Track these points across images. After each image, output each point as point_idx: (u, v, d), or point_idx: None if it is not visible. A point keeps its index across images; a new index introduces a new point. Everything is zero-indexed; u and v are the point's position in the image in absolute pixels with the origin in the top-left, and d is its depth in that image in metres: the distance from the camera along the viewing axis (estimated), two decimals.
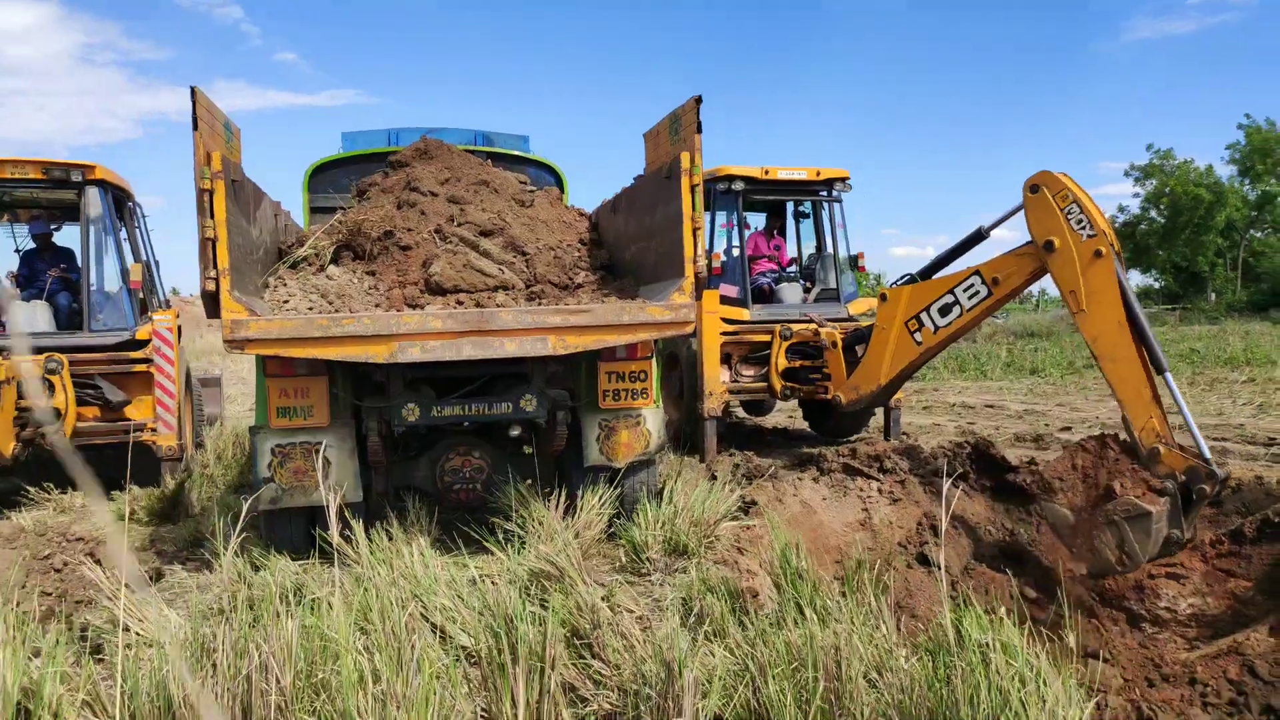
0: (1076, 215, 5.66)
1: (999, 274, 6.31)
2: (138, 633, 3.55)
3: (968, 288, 6.51)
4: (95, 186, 7.76)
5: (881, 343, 7.21)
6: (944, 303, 6.66)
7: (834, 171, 9.36)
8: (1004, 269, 6.28)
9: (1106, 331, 5.46)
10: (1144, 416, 5.24)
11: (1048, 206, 5.79)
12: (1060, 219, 5.71)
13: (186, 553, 5.73)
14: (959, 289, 6.57)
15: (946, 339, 6.82)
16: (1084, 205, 5.65)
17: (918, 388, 15.45)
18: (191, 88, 4.63)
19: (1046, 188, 5.81)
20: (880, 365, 7.25)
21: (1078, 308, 5.62)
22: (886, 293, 7.20)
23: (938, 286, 6.77)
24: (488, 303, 5.39)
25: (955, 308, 6.61)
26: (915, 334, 6.90)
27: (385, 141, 7.71)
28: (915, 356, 7.02)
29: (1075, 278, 5.58)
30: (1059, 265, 5.70)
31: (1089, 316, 5.55)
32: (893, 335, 7.09)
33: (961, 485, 6.54)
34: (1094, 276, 5.53)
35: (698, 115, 5.22)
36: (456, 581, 4.09)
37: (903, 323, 6.99)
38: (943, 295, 6.67)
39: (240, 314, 4.58)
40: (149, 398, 7.61)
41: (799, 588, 3.68)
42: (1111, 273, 5.49)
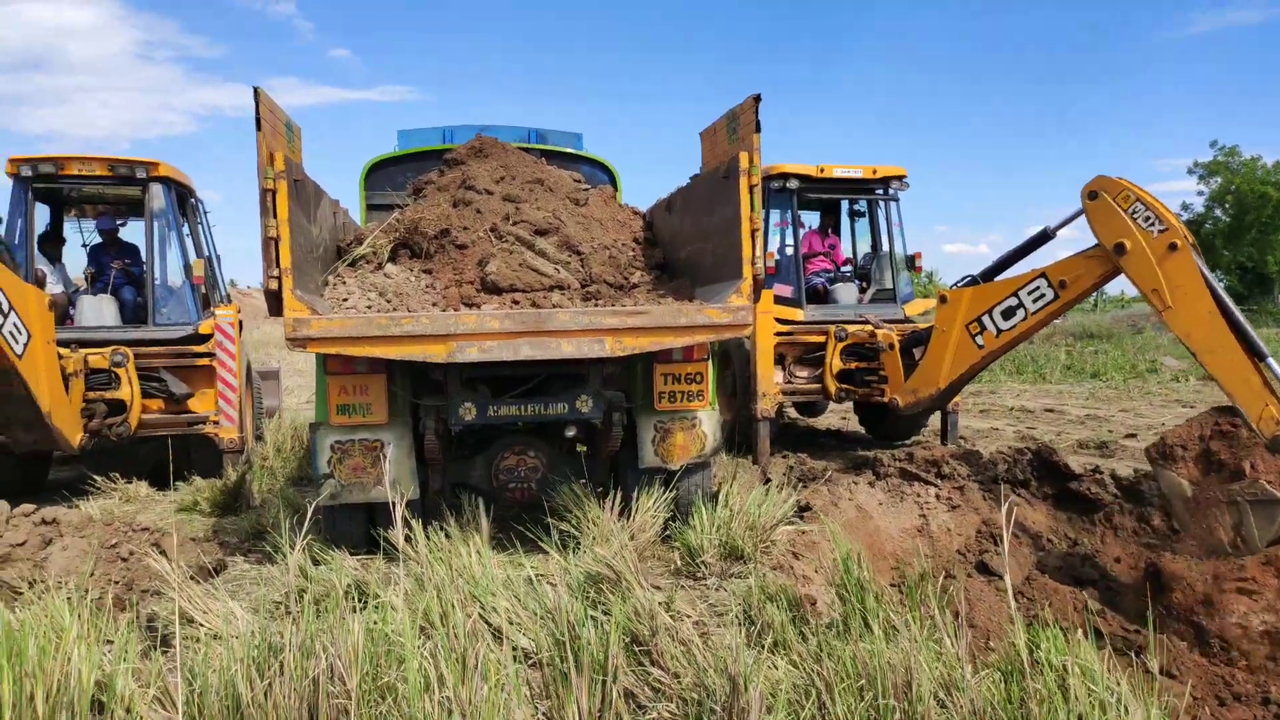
0: (1143, 213, 5.52)
1: (1066, 276, 6.15)
2: (203, 625, 3.61)
3: (1033, 290, 6.36)
4: (159, 183, 7.93)
5: (941, 345, 7.09)
6: (1007, 305, 6.52)
7: (891, 169, 9.20)
8: (1072, 271, 6.12)
9: (1198, 324, 5.27)
10: (1258, 405, 5.01)
11: (1110, 210, 5.66)
12: (1126, 220, 5.56)
13: (248, 544, 5.82)
14: (1023, 291, 6.42)
15: (1009, 343, 6.67)
16: (1148, 203, 5.51)
17: (974, 390, 15.18)
18: (255, 89, 4.69)
19: (1105, 192, 5.69)
20: (940, 368, 7.13)
21: (1163, 305, 5.43)
22: (947, 294, 7.07)
23: (1001, 289, 6.63)
24: (543, 302, 5.38)
25: (1019, 311, 6.46)
26: (977, 337, 6.77)
27: (440, 139, 7.76)
28: (976, 360, 6.88)
29: (1154, 275, 5.42)
30: (1134, 266, 5.54)
31: (1177, 312, 5.37)
32: (953, 338, 6.97)
33: (1022, 493, 6.40)
34: (1174, 271, 5.36)
35: (756, 114, 5.15)
36: (513, 581, 4.09)
37: (964, 325, 6.86)
38: (1006, 298, 6.53)
39: (302, 312, 4.63)
40: (211, 391, 7.76)
41: (862, 599, 3.61)
42: (1191, 264, 5.31)
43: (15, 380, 5.69)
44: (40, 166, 7.59)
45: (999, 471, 6.60)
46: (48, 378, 6.11)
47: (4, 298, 5.48)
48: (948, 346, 7.00)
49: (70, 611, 2.75)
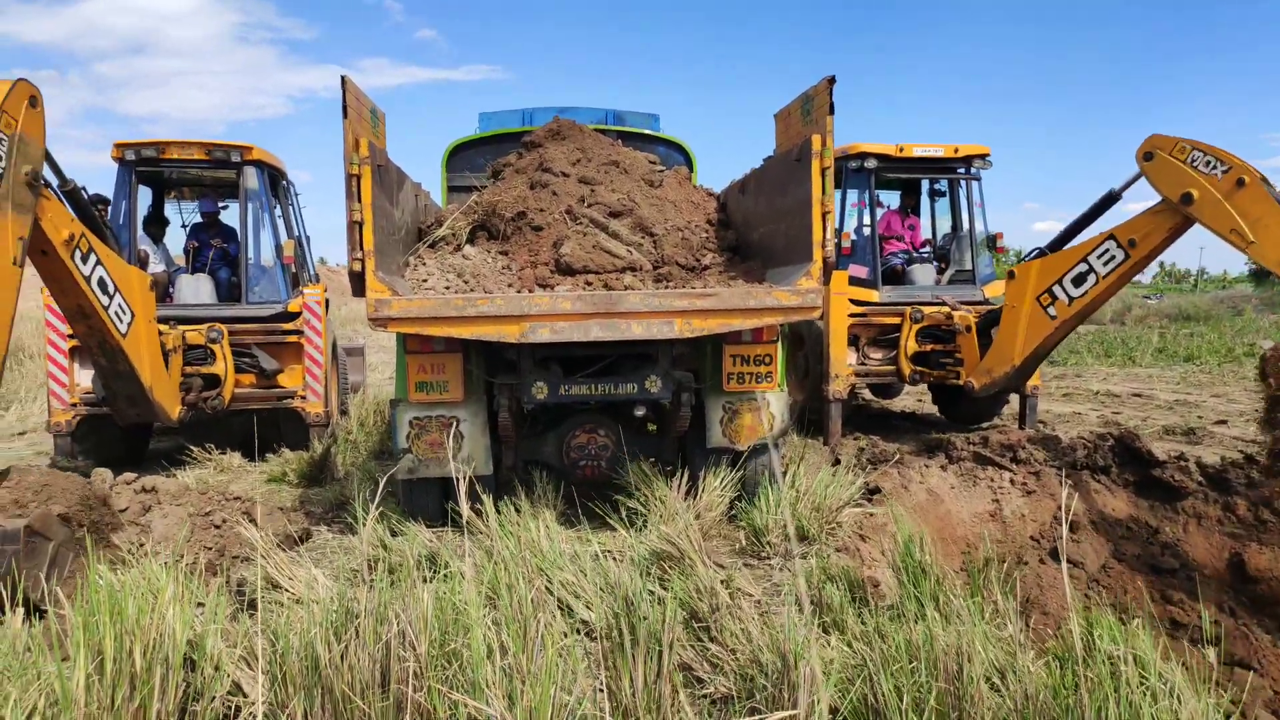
0: (1202, 160, 5.47)
1: (1135, 235, 6.03)
2: (288, 590, 3.83)
3: (1102, 253, 6.25)
4: (253, 166, 8.26)
5: (1013, 321, 6.99)
6: (1078, 272, 6.42)
7: (973, 148, 9.00)
8: (1141, 229, 6.00)
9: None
10: None
11: (1168, 164, 5.62)
12: (1187, 170, 5.51)
13: (332, 514, 6.10)
14: (1092, 256, 6.31)
15: (1083, 310, 6.55)
16: (1205, 149, 5.45)
17: (1058, 373, 14.78)
18: (342, 77, 4.87)
19: (1160, 150, 5.67)
20: (1013, 344, 7.02)
21: (1245, 242, 5.30)
22: (1015, 270, 7.00)
23: (1069, 256, 6.52)
24: (615, 284, 5.47)
25: (1090, 276, 6.35)
26: (1049, 308, 6.67)
27: (520, 122, 7.90)
28: (1050, 332, 6.76)
29: (1228, 215, 5.33)
30: (1206, 211, 5.44)
31: (1261, 245, 5.25)
32: (1024, 312, 6.87)
33: (1102, 479, 6.27)
34: (1247, 205, 5.26)
35: (830, 96, 5.13)
36: (580, 557, 4.21)
37: (1034, 298, 6.77)
38: (1076, 264, 6.43)
39: (384, 293, 4.82)
40: (299, 366, 8.09)
41: (921, 582, 3.62)
42: (1264, 194, 5.21)
43: (120, 358, 6.02)
44: (143, 151, 7.98)
45: (1078, 457, 6.46)
46: (149, 355, 6.44)
47: (110, 280, 5.80)
48: (1019, 321, 6.90)
49: (166, 575, 2.96)
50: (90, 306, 5.59)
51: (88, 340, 5.90)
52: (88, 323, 5.72)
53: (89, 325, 5.74)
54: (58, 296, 5.60)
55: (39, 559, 3.99)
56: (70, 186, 5.62)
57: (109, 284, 5.78)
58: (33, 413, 10.76)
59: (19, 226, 4.62)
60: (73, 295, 5.52)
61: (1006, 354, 7.11)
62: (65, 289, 5.49)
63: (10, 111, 4.61)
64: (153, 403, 6.45)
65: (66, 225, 5.27)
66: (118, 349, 5.94)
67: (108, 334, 5.81)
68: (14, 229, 4.58)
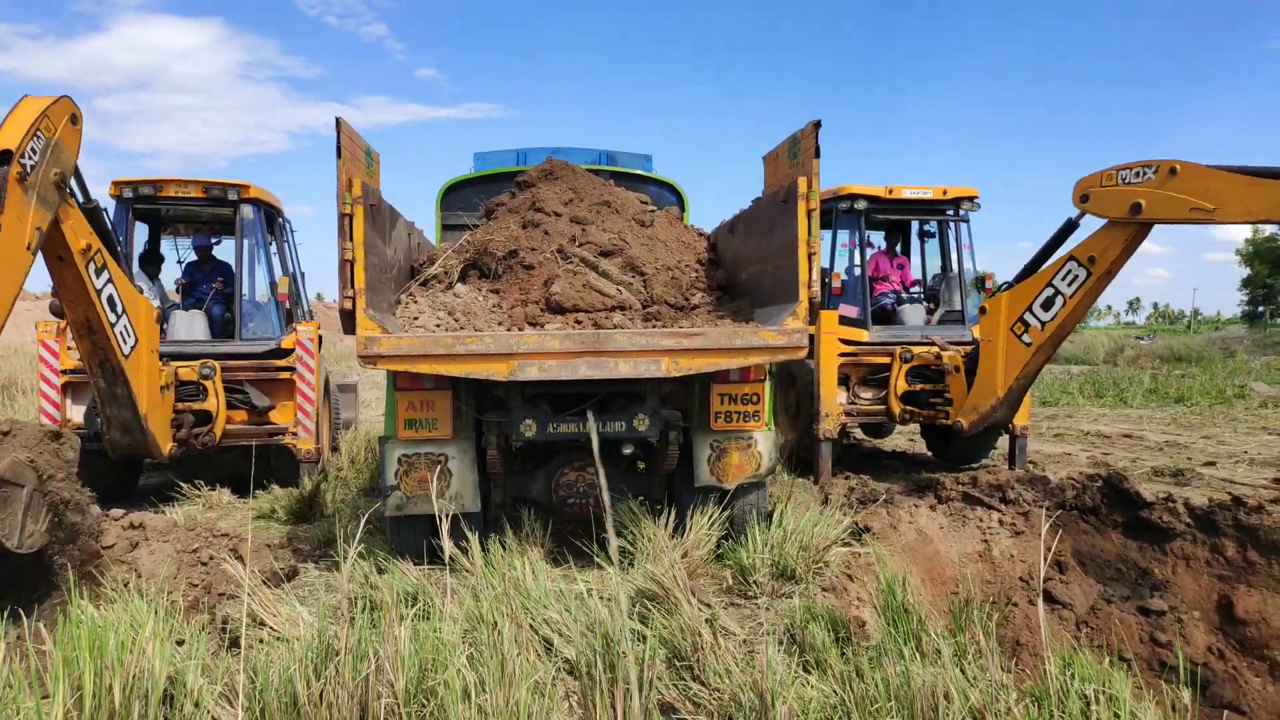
0: (1130, 174, 5.83)
1: (1094, 252, 6.24)
2: (271, 628, 3.82)
3: (1065, 275, 6.44)
4: (249, 204, 8.35)
5: (991, 354, 7.16)
6: (1045, 296, 6.61)
7: (961, 190, 9.12)
8: (1098, 245, 6.22)
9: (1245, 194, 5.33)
10: None
11: (1105, 193, 6.00)
12: (1123, 189, 5.86)
13: (320, 552, 6.07)
14: (1057, 279, 6.50)
15: (1056, 333, 6.70)
16: (1128, 166, 5.83)
17: (1049, 413, 14.82)
18: (337, 118, 4.95)
19: (1091, 187, 6.06)
20: (995, 377, 7.16)
21: (1209, 212, 5.48)
22: (985, 305, 7.21)
23: (1035, 283, 6.71)
24: (605, 322, 5.52)
25: (1058, 298, 6.54)
26: (1023, 336, 6.85)
27: (514, 161, 8.00)
28: (1028, 358, 6.90)
29: (1180, 200, 5.57)
30: (1160, 208, 5.69)
31: (1222, 206, 5.43)
32: (1000, 343, 7.05)
33: (1091, 520, 6.28)
34: (1191, 183, 5.52)
35: (816, 140, 5.22)
36: (565, 595, 4.21)
37: (1007, 329, 6.95)
38: (1043, 290, 6.62)
39: (374, 331, 4.86)
40: (291, 403, 8.10)
41: (903, 623, 3.63)
42: (1200, 168, 5.47)
43: (120, 381, 6.08)
44: (140, 189, 8.06)
45: (1066, 498, 6.48)
46: (148, 384, 6.50)
47: (119, 300, 5.91)
48: (997, 353, 7.07)
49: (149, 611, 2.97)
50: (98, 321, 5.71)
51: (90, 359, 5.96)
52: (93, 339, 5.82)
53: (94, 342, 5.84)
54: (68, 308, 5.71)
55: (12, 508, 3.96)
56: (93, 205, 5.79)
57: (118, 303, 5.90)
58: None
59: (39, 218, 4.91)
60: (82, 307, 5.66)
61: (989, 387, 7.21)
62: (76, 299, 5.62)
63: (53, 119, 5.08)
64: (146, 432, 6.47)
65: (85, 236, 5.53)
66: (119, 370, 6.01)
67: (111, 353, 5.90)
68: (34, 219, 4.87)
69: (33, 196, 4.86)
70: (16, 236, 4.73)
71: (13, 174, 4.72)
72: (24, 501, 4.03)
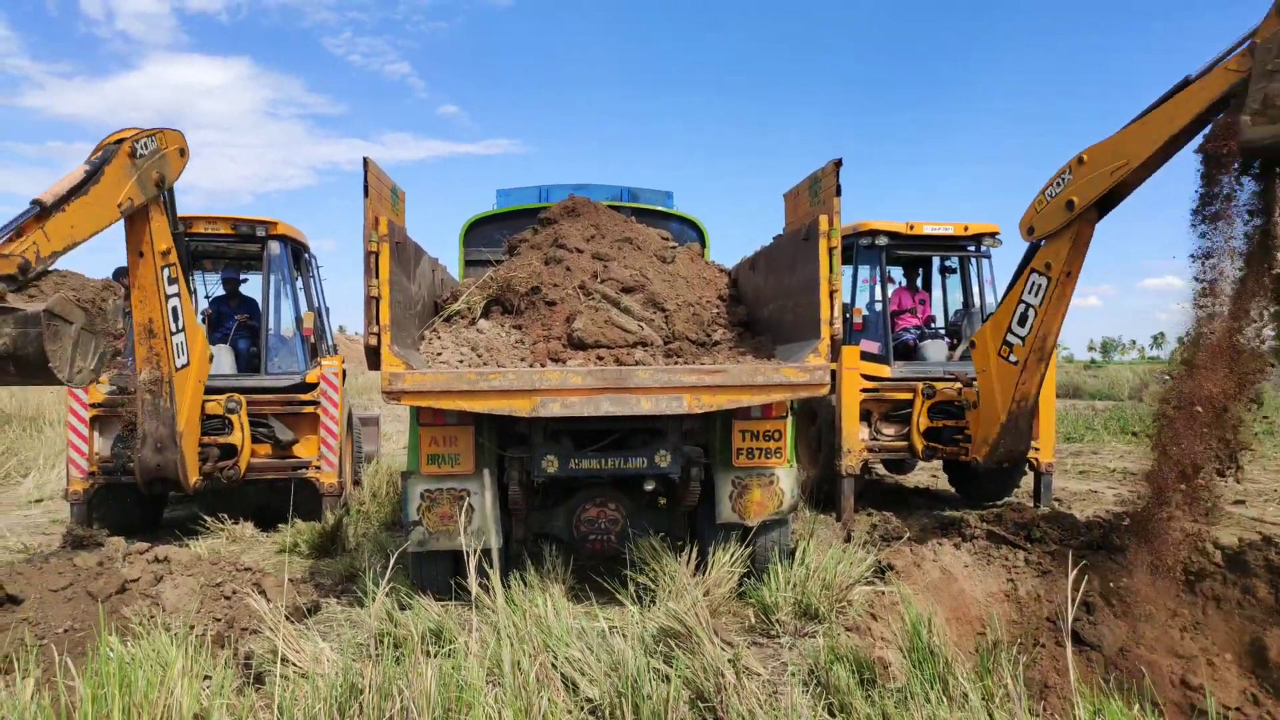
0: (1051, 188, 6.55)
1: (1049, 259, 6.73)
2: (294, 664, 3.83)
3: (1030, 287, 6.91)
4: (276, 240, 8.47)
5: (987, 384, 7.45)
6: (1019, 314, 7.04)
7: (983, 226, 9.12)
8: (1050, 253, 6.72)
9: (1137, 136, 5.89)
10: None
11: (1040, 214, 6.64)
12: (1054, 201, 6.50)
13: (342, 586, 6.09)
14: (1025, 294, 6.95)
15: (1034, 343, 6.99)
16: (1046, 187, 6.58)
17: (1074, 449, 14.66)
18: (365, 158, 5.04)
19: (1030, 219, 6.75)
20: (994, 404, 7.40)
21: (1126, 168, 6.00)
22: (974, 339, 7.56)
23: (1008, 305, 7.14)
24: (627, 359, 5.54)
25: (1030, 311, 6.96)
26: (1009, 357, 7.18)
27: (536, 198, 8.09)
28: (1018, 375, 7.14)
29: (1098, 176, 6.18)
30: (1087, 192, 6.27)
31: (1131, 155, 5.96)
32: (993, 370, 7.36)
33: (1119, 559, 6.19)
34: (1099, 156, 6.20)
35: (837, 178, 5.26)
36: (587, 633, 4.19)
37: (995, 355, 7.28)
38: (1015, 308, 7.04)
39: (398, 367, 4.90)
40: (314, 437, 8.15)
41: (929, 665, 3.59)
42: (1100, 144, 6.17)
43: (166, 392, 6.37)
44: None
45: (1094, 536, 6.40)
46: (190, 406, 6.76)
47: (181, 316, 6.35)
48: (992, 381, 7.35)
49: (175, 647, 2.98)
50: (160, 325, 6.21)
51: (143, 364, 6.31)
52: (152, 342, 6.26)
53: (151, 346, 6.27)
54: (136, 307, 6.16)
55: (62, 342, 4.24)
56: (179, 231, 6.47)
57: (180, 317, 6.39)
58: (50, 480, 10.85)
59: (134, 193, 5.73)
60: (149, 307, 6.18)
61: (992, 415, 7.42)
62: (146, 298, 6.16)
63: (168, 137, 6.10)
64: (179, 451, 6.65)
65: (166, 241, 6.27)
66: (167, 380, 6.37)
67: (162, 360, 6.31)
68: (129, 190, 5.69)
69: (134, 174, 5.70)
70: (113, 190, 5.52)
71: (125, 148, 5.62)
72: (72, 337, 4.34)
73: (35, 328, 4.22)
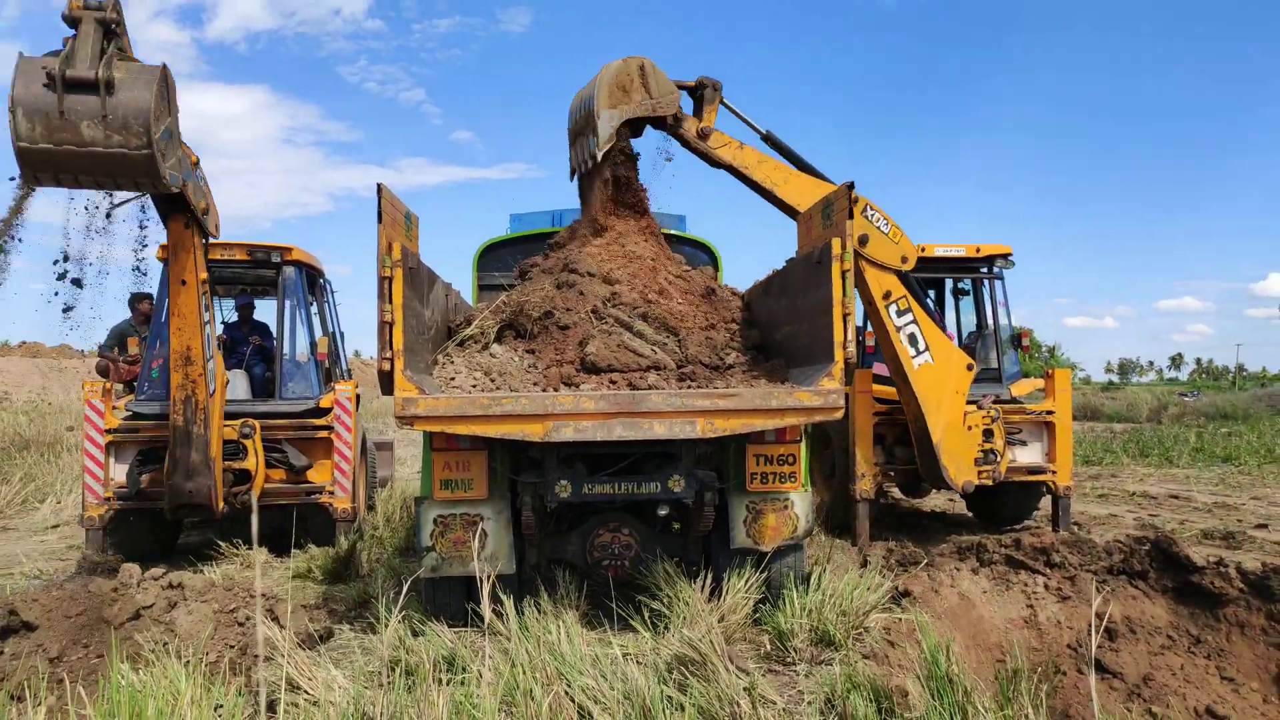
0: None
1: (882, 289, 7.25)
2: (306, 692, 3.80)
3: (894, 315, 7.33)
4: (292, 266, 8.53)
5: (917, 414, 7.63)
6: (907, 335, 7.38)
7: (995, 248, 9.09)
8: (877, 284, 7.24)
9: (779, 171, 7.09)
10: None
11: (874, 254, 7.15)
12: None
13: (355, 612, 6.06)
14: (893, 325, 7.30)
15: (900, 346, 7.31)
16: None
17: (1093, 473, 14.52)
18: (378, 185, 5.07)
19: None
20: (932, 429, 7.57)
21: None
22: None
23: (883, 340, 7.49)
24: (640, 383, 5.52)
25: (912, 329, 7.36)
26: (915, 358, 7.46)
27: (549, 222, 8.11)
28: (931, 387, 7.46)
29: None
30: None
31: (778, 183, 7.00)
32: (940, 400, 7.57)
33: (1140, 585, 6.10)
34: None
35: (849, 201, 5.26)
36: (600, 660, 4.15)
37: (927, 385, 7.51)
38: (901, 342, 7.32)
39: (411, 392, 4.90)
40: (328, 462, 8.15)
41: (948, 694, 3.53)
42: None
43: (200, 418, 6.50)
44: None
45: (1114, 561, 6.31)
46: (217, 433, 6.89)
47: (212, 344, 6.52)
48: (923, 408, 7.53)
49: (186, 676, 2.97)
50: (198, 353, 6.29)
51: (178, 391, 6.41)
52: (188, 369, 6.35)
53: (187, 373, 6.36)
54: (174, 334, 6.26)
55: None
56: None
57: (211, 345, 6.53)
58: (67, 505, 10.89)
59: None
60: (188, 335, 6.27)
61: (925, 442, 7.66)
62: (185, 325, 6.25)
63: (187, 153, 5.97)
64: (211, 475, 6.75)
65: (204, 270, 6.35)
66: (202, 406, 6.47)
67: (198, 388, 6.41)
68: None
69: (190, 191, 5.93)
70: None
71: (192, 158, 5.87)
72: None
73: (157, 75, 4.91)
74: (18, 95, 4.61)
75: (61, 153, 4.68)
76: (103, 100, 4.74)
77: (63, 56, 4.67)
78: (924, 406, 7.43)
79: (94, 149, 4.77)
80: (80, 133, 4.71)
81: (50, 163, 4.73)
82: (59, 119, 4.63)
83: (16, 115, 4.58)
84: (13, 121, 4.58)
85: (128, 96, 4.81)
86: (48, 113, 4.62)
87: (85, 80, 4.68)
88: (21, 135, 4.60)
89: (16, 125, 4.56)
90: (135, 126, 4.85)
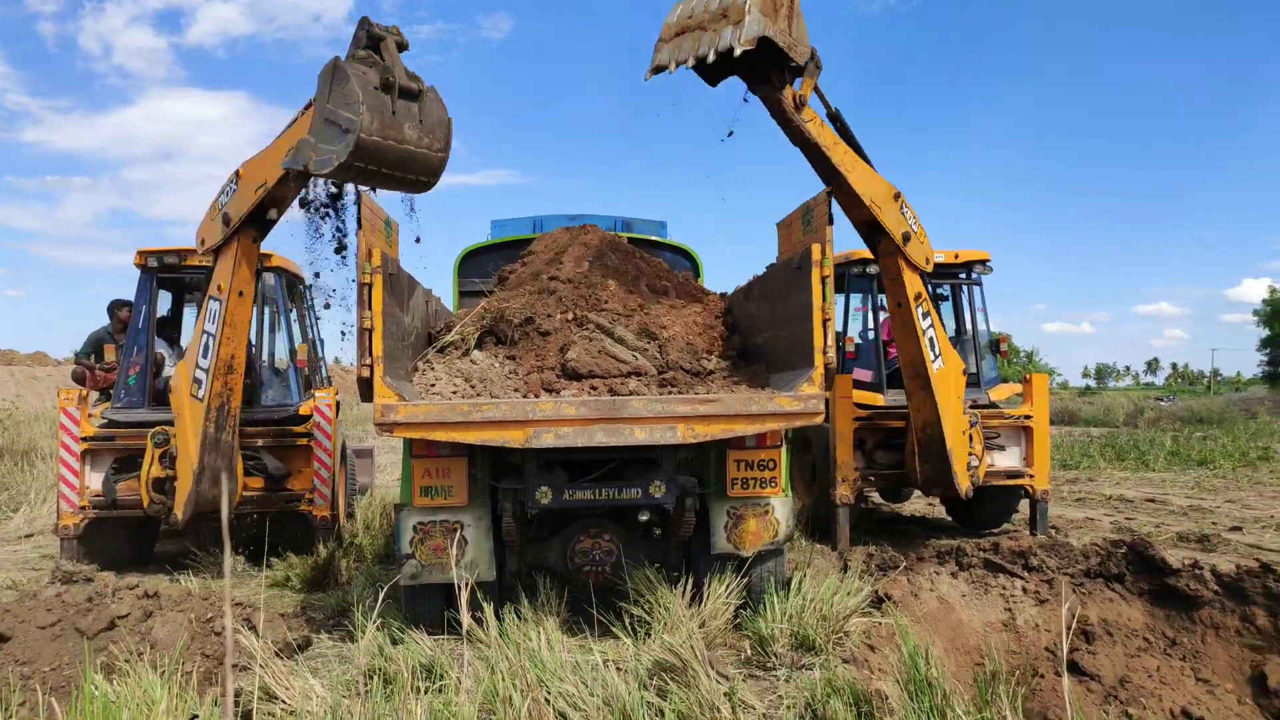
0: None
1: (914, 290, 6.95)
2: (284, 701, 3.77)
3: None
4: (272, 272, 8.46)
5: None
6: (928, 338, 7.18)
7: (973, 254, 9.17)
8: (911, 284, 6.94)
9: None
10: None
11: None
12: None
13: (333, 621, 6.01)
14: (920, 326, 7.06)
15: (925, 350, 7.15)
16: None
17: (1070, 477, 14.64)
18: (357, 190, 5.06)
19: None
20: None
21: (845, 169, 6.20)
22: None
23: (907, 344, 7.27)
24: (621, 388, 5.52)
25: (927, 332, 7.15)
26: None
27: (530, 229, 8.10)
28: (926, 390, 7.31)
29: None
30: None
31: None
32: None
33: (1116, 588, 6.16)
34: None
35: (829, 208, 5.30)
36: (581, 667, 4.14)
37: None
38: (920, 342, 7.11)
39: (390, 399, 4.88)
40: (307, 469, 8.09)
41: (926, 697, 3.55)
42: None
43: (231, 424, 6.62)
44: (165, 258, 8.18)
45: (1091, 565, 6.37)
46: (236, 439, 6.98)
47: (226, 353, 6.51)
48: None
49: (161, 686, 2.94)
50: (238, 362, 6.46)
51: (215, 399, 6.47)
52: (229, 378, 6.47)
53: (227, 381, 6.47)
54: (224, 343, 6.36)
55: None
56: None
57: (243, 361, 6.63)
58: (40, 515, 10.75)
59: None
60: (234, 344, 6.42)
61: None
62: (236, 334, 6.41)
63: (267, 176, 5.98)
64: (235, 476, 6.90)
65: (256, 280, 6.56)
66: (235, 414, 6.61)
67: (234, 397, 6.55)
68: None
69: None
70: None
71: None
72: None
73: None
74: (363, 95, 4.98)
75: (387, 146, 5.07)
76: (420, 107, 5.25)
77: (383, 67, 5.11)
78: (941, 410, 7.24)
79: (410, 147, 5.21)
80: (404, 132, 5.14)
81: (376, 156, 5.07)
82: (391, 117, 5.07)
83: (362, 109, 4.89)
84: (359, 114, 4.90)
85: (433, 108, 5.34)
86: (384, 111, 5.03)
87: (409, 89, 5.18)
88: (365, 128, 4.92)
89: (362, 118, 4.89)
90: (439, 133, 5.39)
